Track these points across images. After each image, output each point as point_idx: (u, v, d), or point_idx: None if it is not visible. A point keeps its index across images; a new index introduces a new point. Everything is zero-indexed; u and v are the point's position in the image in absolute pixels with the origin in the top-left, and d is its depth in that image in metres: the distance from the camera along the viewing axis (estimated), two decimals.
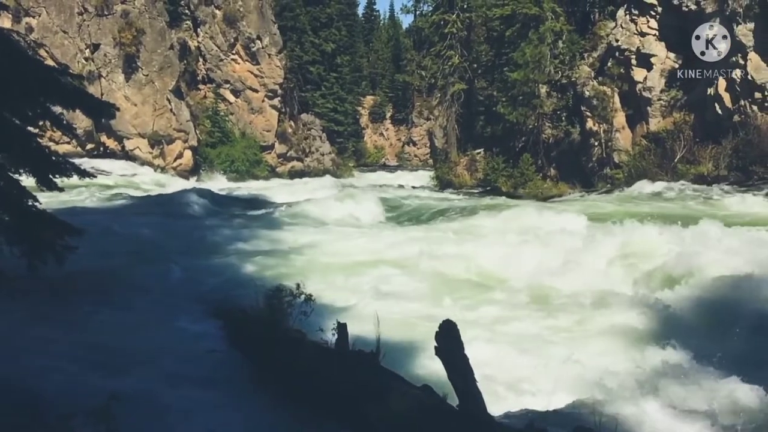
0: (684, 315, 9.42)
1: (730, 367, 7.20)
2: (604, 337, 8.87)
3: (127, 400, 5.02)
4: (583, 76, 31.52)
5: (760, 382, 6.81)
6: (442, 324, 5.29)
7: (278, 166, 45.10)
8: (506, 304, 10.54)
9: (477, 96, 40.21)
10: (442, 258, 12.97)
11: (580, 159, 31.78)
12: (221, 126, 42.18)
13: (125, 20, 37.05)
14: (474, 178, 36.41)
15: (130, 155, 37.46)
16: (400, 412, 5.40)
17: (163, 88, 37.71)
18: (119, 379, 6.34)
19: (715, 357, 7.34)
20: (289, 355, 6.67)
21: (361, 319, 7.86)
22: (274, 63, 43.79)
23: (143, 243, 14.09)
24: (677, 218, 13.86)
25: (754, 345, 8.04)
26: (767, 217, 16.18)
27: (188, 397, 6.28)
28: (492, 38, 37.94)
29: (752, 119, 24.95)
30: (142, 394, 5.96)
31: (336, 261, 13.24)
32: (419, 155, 67.01)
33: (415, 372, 7.33)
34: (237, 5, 42.66)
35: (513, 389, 7.06)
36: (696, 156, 26.35)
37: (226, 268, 12.54)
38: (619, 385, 6.91)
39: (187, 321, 9.04)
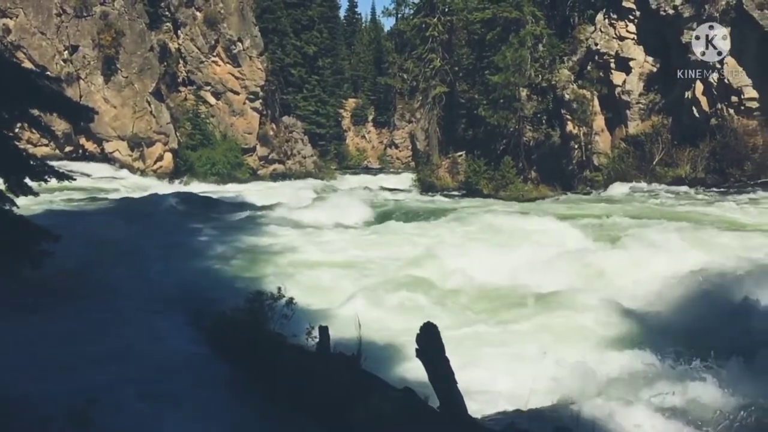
0: (658, 315, 9.55)
1: (704, 366, 7.31)
2: (578, 337, 8.96)
3: (104, 403, 4.98)
4: (563, 80, 31.80)
5: (735, 381, 6.93)
6: (423, 326, 5.31)
7: (260, 169, 44.91)
8: (482, 306, 10.61)
9: (458, 99, 40.32)
10: (423, 261, 13.01)
11: (560, 161, 32.05)
12: (202, 128, 41.91)
13: (104, 22, 36.71)
14: (455, 180, 36.53)
15: (110, 158, 37.09)
16: (382, 414, 5.41)
17: (143, 90, 37.41)
18: (96, 383, 6.28)
19: (689, 357, 7.45)
20: (271, 358, 6.65)
21: (343, 322, 7.87)
22: (255, 65, 43.62)
23: (122, 246, 13.95)
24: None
25: (729, 345, 8.16)
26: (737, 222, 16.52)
27: (168, 400, 6.24)
28: (473, 41, 38.11)
29: (729, 122, 25.34)
30: (120, 396, 5.91)
31: (317, 264, 13.21)
32: (401, 158, 67.09)
33: (397, 374, 7.34)
34: (218, 7, 42.46)
35: (491, 390, 7.10)
36: (674, 158, 26.71)
37: (207, 272, 12.47)
38: (597, 385, 6.99)
39: (168, 324, 8.98)
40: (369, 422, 5.36)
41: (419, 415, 5.34)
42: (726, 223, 16.03)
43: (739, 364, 7.46)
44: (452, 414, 5.16)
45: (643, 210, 19.33)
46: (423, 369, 5.25)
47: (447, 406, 5.19)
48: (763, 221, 16.43)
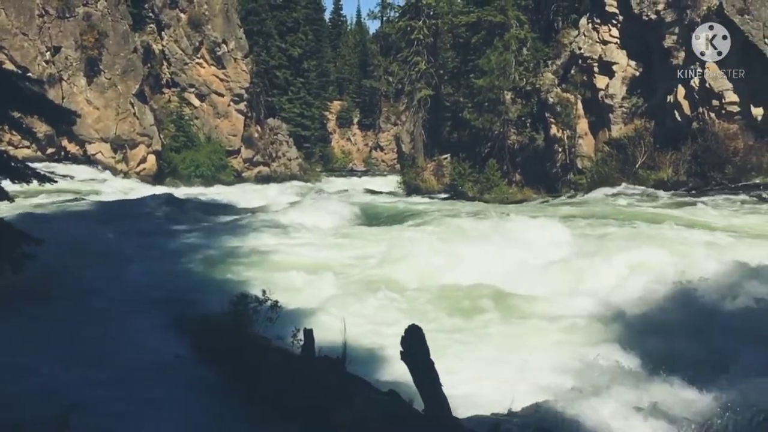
0: (638, 317, 9.65)
1: (682, 367, 7.41)
2: (558, 339, 9.02)
3: (87, 407, 4.94)
4: (547, 83, 32.00)
5: (712, 381, 7.02)
6: (408, 329, 5.32)
7: (244, 171, 44.75)
8: (461, 308, 10.65)
9: (443, 102, 40.48)
10: (407, 264, 13.03)
11: (544, 164, 32.23)
12: (186, 130, 41.67)
13: (87, 23, 36.40)
14: (441, 183, 36.63)
15: (92, 160, 36.73)
16: (366, 417, 5.41)
17: (126, 92, 37.13)
18: (77, 386, 6.23)
19: (669, 358, 7.53)
20: (255, 362, 6.63)
21: (328, 325, 7.86)
22: (240, 67, 43.49)
23: (104, 249, 13.83)
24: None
25: (705, 345, 8.26)
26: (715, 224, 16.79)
27: (152, 403, 6.20)
28: (458, 45, 38.27)
29: (710, 126, 25.60)
30: (104, 400, 5.86)
31: (302, 266, 13.18)
32: (386, 160, 67.13)
33: (382, 377, 7.35)
34: (202, 9, 42.28)
35: (475, 392, 7.13)
36: (656, 162, 26.94)
37: (190, 274, 12.40)
38: (578, 386, 7.04)
39: (151, 327, 8.91)
40: (353, 425, 5.36)
41: (404, 418, 5.34)
42: (704, 226, 16.21)
43: (716, 365, 7.56)
44: (437, 416, 5.18)
45: (619, 212, 19.58)
46: (408, 371, 5.26)
47: (432, 408, 5.20)
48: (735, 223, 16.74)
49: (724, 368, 7.57)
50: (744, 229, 15.72)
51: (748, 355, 7.89)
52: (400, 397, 5.63)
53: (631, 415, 6.24)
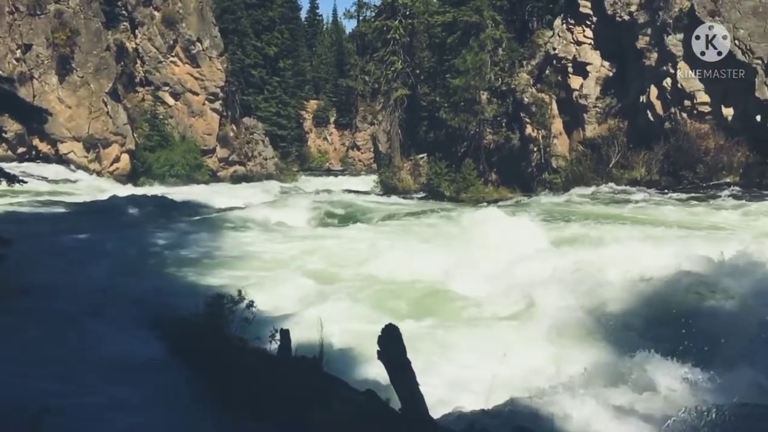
0: (615, 313, 9.76)
1: (661, 363, 7.49)
2: (535, 336, 9.09)
3: (60, 411, 4.85)
4: (522, 83, 32.23)
5: (690, 377, 7.11)
6: (385, 328, 5.31)
7: (220, 171, 44.42)
8: (439, 306, 10.70)
9: (420, 101, 40.54)
10: (383, 262, 13.04)
11: (520, 164, 32.46)
12: (160, 129, 41.25)
13: (59, 20, 35.85)
14: (417, 182, 36.71)
15: (65, 159, 36.20)
16: (343, 417, 5.39)
17: (99, 91, 36.65)
18: (51, 389, 6.12)
19: (645, 354, 7.61)
20: (230, 363, 6.57)
21: (304, 325, 7.83)
22: (215, 66, 43.15)
23: (76, 251, 13.64)
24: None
25: (684, 341, 8.37)
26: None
27: (125, 405, 6.11)
28: (434, 45, 38.36)
29: (682, 126, 26.00)
30: (75, 402, 5.77)
31: (278, 266, 13.13)
32: (363, 160, 67.13)
33: (359, 377, 7.33)
34: (176, 7, 41.86)
35: (451, 391, 7.16)
36: (630, 161, 27.28)
37: (164, 276, 12.27)
38: (555, 383, 7.10)
39: (124, 329, 8.79)
40: (330, 426, 5.34)
41: (380, 417, 5.34)
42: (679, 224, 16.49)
43: (696, 361, 7.66)
44: (413, 415, 5.18)
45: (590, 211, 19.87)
46: (385, 371, 5.25)
47: (408, 407, 5.20)
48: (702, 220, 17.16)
49: (703, 363, 7.66)
50: (699, 225, 16.10)
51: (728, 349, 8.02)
52: (378, 396, 5.62)
53: (606, 412, 6.31)
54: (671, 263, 10.87)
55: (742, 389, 6.79)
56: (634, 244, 12.72)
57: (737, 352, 7.86)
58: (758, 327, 8.30)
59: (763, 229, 15.26)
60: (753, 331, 8.27)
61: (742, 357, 7.70)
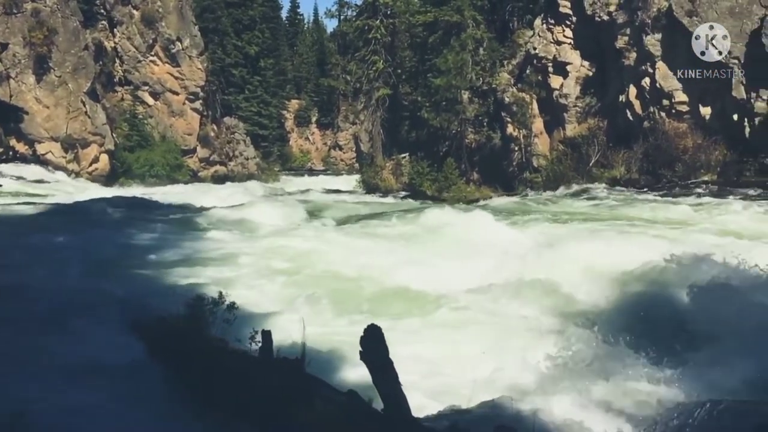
0: (596, 311, 9.84)
1: (641, 361, 7.56)
2: (516, 334, 9.13)
3: (36, 413, 4.79)
4: (503, 83, 32.39)
5: (670, 375, 7.18)
6: (367, 328, 5.30)
7: (201, 171, 44.11)
8: (420, 305, 10.71)
9: (402, 101, 40.59)
10: (364, 263, 13.04)
11: (501, 163, 32.62)
12: (140, 129, 40.87)
13: (36, 19, 35.37)
14: (399, 182, 36.73)
15: (42, 160, 35.71)
16: (326, 417, 5.38)
17: (78, 90, 36.22)
18: (24, 394, 6.03)
19: (626, 352, 7.68)
20: (212, 364, 6.52)
21: (286, 326, 7.79)
22: (195, 65, 42.84)
23: (54, 252, 13.45)
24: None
25: (665, 339, 8.45)
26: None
27: (104, 409, 6.04)
28: (415, 44, 38.43)
29: (660, 125, 26.29)
30: (50, 408, 5.69)
31: (259, 266, 13.06)
32: (345, 159, 67.00)
33: (342, 377, 7.32)
34: (155, 6, 41.50)
35: (433, 390, 7.16)
36: (609, 160, 27.52)
37: (145, 277, 12.14)
38: (535, 381, 7.13)
39: (104, 331, 8.67)
40: (313, 426, 5.32)
41: (363, 418, 5.33)
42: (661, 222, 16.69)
43: (677, 357, 7.74)
44: (395, 415, 5.18)
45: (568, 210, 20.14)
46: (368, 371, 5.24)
47: (390, 407, 5.20)
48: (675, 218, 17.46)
49: (678, 362, 7.74)
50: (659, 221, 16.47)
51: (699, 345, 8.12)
52: (360, 396, 5.61)
53: (593, 409, 6.35)
54: (629, 259, 11.04)
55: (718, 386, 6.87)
56: (589, 241, 13.00)
57: (709, 349, 7.97)
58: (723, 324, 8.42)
59: (723, 225, 15.57)
60: (726, 329, 8.38)
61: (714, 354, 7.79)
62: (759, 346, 7.68)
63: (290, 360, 6.21)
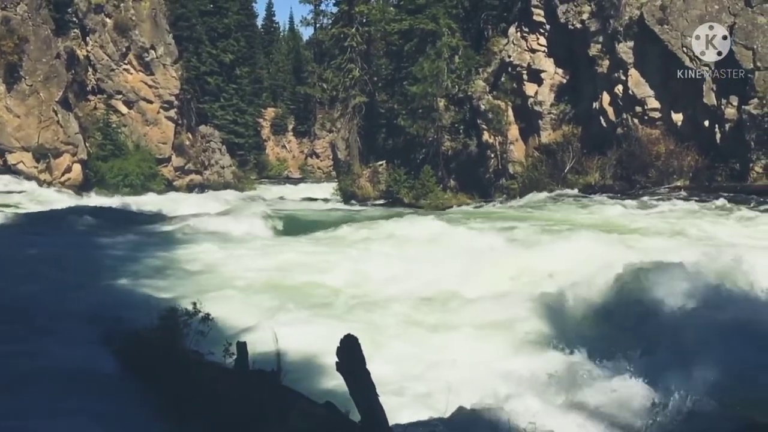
0: (574, 315, 9.87)
1: (626, 366, 7.59)
2: (495, 340, 9.13)
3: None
4: (479, 91, 32.59)
5: (656, 380, 7.21)
6: (343, 339, 5.24)
7: (176, 180, 43.70)
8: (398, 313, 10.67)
9: (378, 109, 40.65)
10: (339, 272, 12.99)
11: (477, 170, 32.78)
12: (113, 138, 40.38)
13: (6, 27, 34.85)
14: (377, 189, 36.75)
15: (13, 170, 35.16)
16: (302, 429, 5.31)
17: (49, 99, 35.71)
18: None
19: (611, 357, 7.71)
20: (186, 377, 6.41)
21: (262, 338, 7.69)
22: (169, 73, 42.50)
23: (25, 263, 13.18)
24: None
25: (648, 344, 8.51)
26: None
27: (77, 424, 5.90)
28: (391, 52, 38.54)
29: (633, 131, 26.64)
30: (19, 427, 5.54)
31: (233, 276, 12.93)
32: (322, 167, 66.94)
33: (319, 389, 7.24)
34: (129, 14, 41.13)
35: (413, 398, 7.12)
36: (584, 166, 27.80)
37: (117, 289, 11.94)
38: (517, 387, 7.12)
39: (75, 345, 8.49)
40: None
41: (340, 429, 5.27)
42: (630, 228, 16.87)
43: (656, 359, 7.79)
44: (373, 427, 5.12)
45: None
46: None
47: (367, 418, 5.14)
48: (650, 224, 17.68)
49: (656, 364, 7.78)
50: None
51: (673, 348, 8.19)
52: (337, 408, 5.55)
53: (575, 414, 6.35)
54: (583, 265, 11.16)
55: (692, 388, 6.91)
56: (550, 244, 13.25)
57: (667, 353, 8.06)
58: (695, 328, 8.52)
59: (682, 229, 15.83)
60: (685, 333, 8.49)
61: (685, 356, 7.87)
62: (718, 349, 7.80)
63: (266, 372, 6.12)
